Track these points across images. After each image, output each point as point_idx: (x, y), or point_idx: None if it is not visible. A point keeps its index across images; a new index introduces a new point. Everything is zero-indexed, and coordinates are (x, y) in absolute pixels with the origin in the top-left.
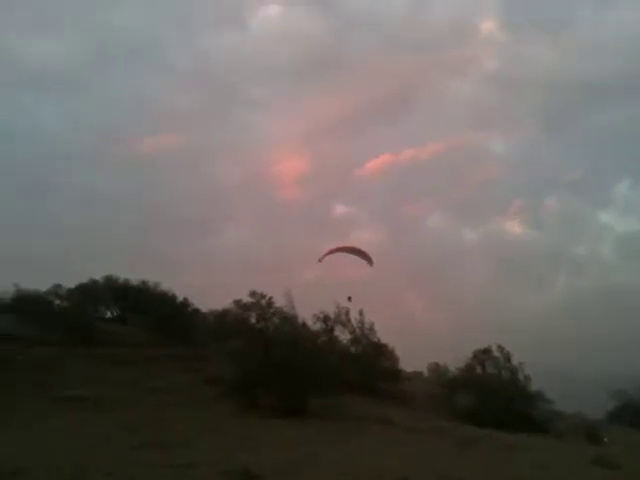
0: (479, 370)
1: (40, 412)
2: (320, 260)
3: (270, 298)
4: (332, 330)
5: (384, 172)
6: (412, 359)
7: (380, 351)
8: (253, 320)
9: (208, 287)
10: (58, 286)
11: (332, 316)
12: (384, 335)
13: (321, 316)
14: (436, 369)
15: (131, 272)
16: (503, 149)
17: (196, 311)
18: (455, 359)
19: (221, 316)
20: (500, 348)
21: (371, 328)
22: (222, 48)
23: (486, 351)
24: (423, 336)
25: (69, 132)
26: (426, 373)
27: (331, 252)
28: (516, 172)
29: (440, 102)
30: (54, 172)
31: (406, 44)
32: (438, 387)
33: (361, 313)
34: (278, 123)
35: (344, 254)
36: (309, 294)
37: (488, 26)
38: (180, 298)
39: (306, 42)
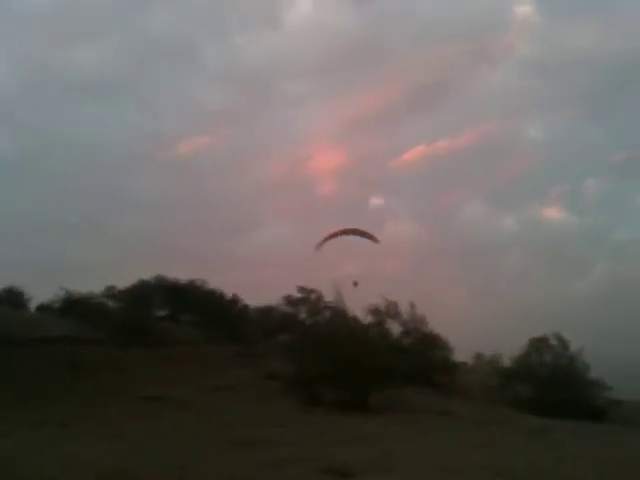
0: (535, 359)
1: (117, 413)
2: (317, 248)
3: (320, 293)
4: (383, 323)
5: (420, 163)
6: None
7: (433, 342)
8: (303, 315)
9: (250, 283)
10: (111, 287)
11: (382, 309)
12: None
13: (372, 309)
14: (481, 358)
15: (176, 272)
16: (541, 134)
17: (245, 307)
18: (501, 348)
19: (266, 312)
20: (557, 336)
21: (422, 320)
22: (257, 46)
23: (543, 339)
24: (464, 326)
25: (109, 136)
26: (470, 363)
27: (330, 237)
28: (556, 157)
29: (476, 90)
30: (95, 176)
31: (440, 33)
32: (490, 377)
33: (412, 305)
34: (314, 118)
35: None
36: (352, 287)
37: (524, 10)
38: (229, 295)
39: (340, 35)
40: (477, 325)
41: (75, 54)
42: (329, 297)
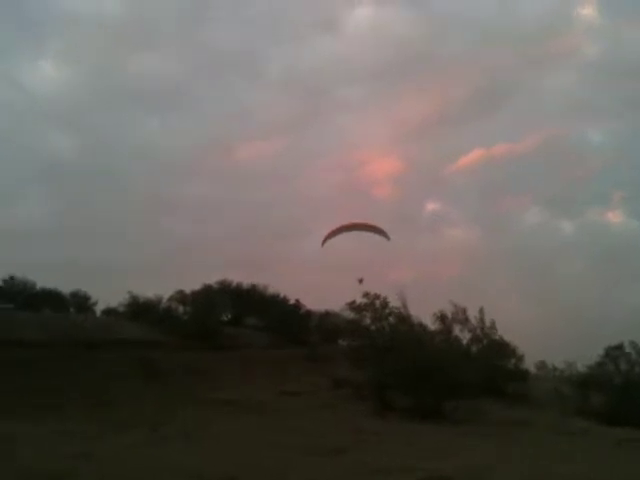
0: (611, 368)
1: (197, 417)
2: (323, 244)
3: (385, 298)
4: (451, 330)
5: (477, 167)
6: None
7: (503, 350)
8: (368, 321)
9: (306, 287)
10: (181, 291)
11: (449, 315)
12: None
13: (439, 315)
14: (544, 367)
15: (233, 276)
16: (603, 139)
17: (309, 312)
18: (562, 355)
19: (326, 317)
20: (633, 344)
21: (492, 326)
22: (315, 52)
23: (618, 347)
24: (522, 333)
25: (166, 142)
26: (533, 371)
27: (337, 232)
28: (617, 162)
29: (537, 94)
30: (154, 183)
31: (501, 37)
32: (559, 385)
33: (481, 311)
34: (371, 124)
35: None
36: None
37: (587, 12)
38: (291, 300)
39: (398, 40)
40: (536, 332)
41: (136, 62)
42: (394, 303)
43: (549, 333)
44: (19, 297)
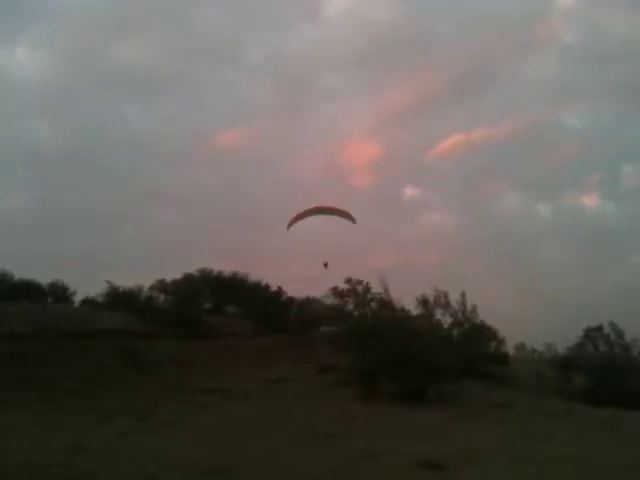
0: (591, 348)
1: (184, 406)
2: (289, 227)
3: (367, 284)
4: (432, 314)
5: (455, 152)
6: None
7: (484, 333)
8: (351, 307)
9: (287, 275)
10: (162, 281)
11: (431, 300)
12: None
13: (421, 300)
14: (523, 349)
15: (216, 265)
16: (581, 123)
17: (291, 299)
18: (539, 338)
19: (307, 304)
20: (612, 325)
21: (473, 310)
22: (295, 38)
23: (598, 329)
24: (505, 316)
25: (148, 130)
26: (512, 353)
27: (303, 216)
28: (594, 146)
29: (515, 79)
30: (139, 172)
31: (483, 23)
32: (540, 367)
33: (462, 295)
34: (352, 110)
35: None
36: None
37: None
38: (273, 288)
39: (379, 26)
40: (516, 315)
41: (118, 49)
42: (376, 288)
43: (529, 316)
44: None
